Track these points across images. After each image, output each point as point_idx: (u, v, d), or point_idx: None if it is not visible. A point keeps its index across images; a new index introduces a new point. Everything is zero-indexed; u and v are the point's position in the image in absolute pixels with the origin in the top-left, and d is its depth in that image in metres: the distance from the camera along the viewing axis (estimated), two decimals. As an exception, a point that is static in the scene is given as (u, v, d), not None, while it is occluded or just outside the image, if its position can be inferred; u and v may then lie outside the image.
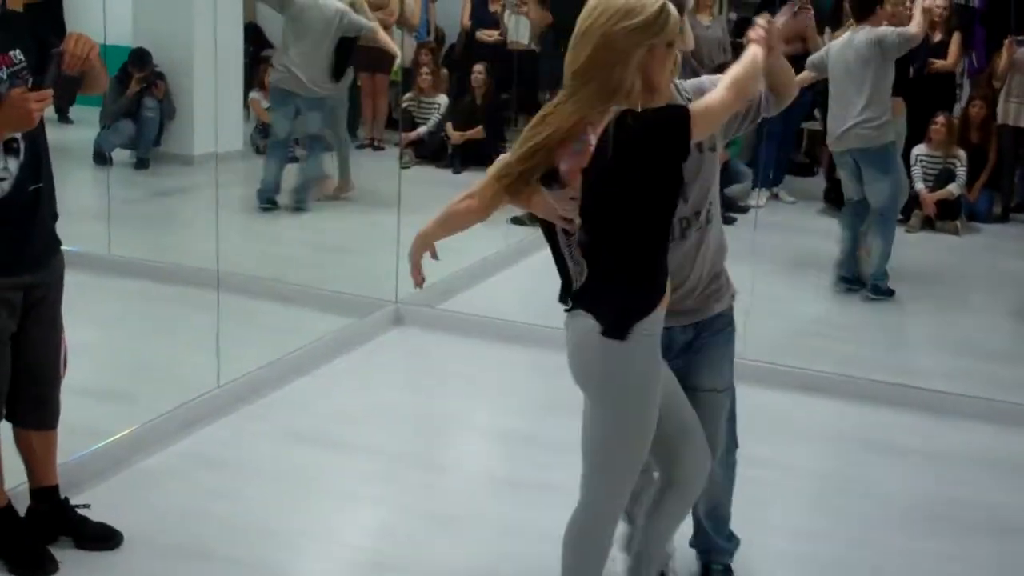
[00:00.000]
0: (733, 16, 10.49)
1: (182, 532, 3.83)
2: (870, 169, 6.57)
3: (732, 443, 3.50)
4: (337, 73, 7.70)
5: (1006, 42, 8.53)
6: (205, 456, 4.41)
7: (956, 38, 8.85)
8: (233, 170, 8.05)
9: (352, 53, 7.81)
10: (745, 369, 5.02)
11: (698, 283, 3.18)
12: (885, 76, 6.50)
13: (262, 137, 8.55)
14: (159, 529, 3.83)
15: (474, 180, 3.21)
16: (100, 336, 5.36)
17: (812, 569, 3.84)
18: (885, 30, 6.47)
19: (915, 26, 6.37)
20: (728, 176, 8.95)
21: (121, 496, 4.02)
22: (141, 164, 8.25)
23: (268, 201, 7.65)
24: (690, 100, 3.07)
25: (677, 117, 2.78)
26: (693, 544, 3.67)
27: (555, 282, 3.05)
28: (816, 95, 9.34)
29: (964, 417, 5.08)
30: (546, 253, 3.08)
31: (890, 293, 6.59)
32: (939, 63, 8.79)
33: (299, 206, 7.80)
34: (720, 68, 9.15)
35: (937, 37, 8.91)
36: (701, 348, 3.28)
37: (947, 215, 8.15)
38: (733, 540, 3.66)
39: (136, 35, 8.05)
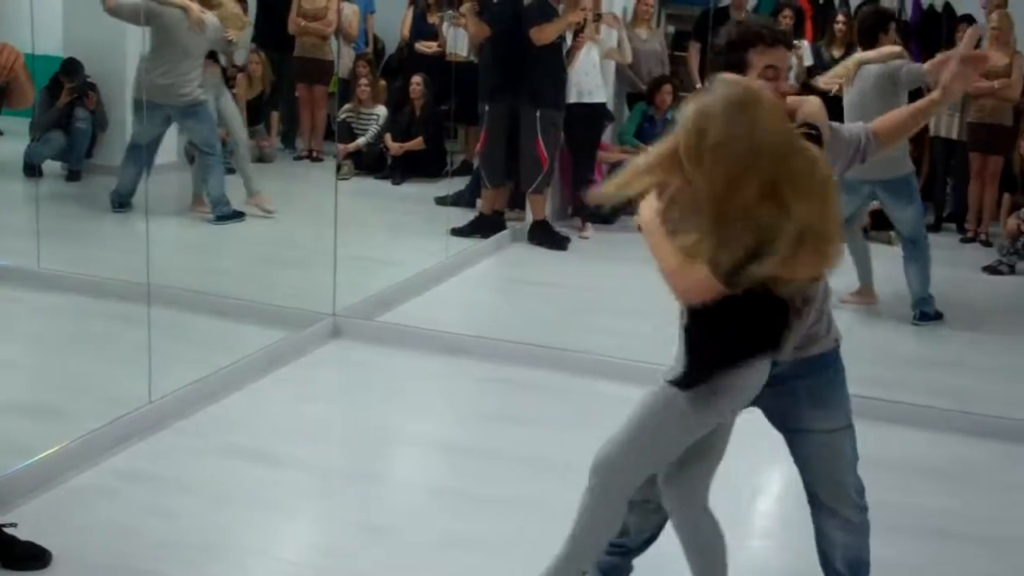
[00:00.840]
0: (671, 30, 10.56)
1: (113, 550, 3.74)
2: (893, 199, 6.57)
3: (861, 484, 3.38)
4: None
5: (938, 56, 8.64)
6: (137, 473, 4.32)
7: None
8: (166, 182, 7.95)
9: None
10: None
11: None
12: (900, 106, 6.44)
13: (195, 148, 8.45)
14: (90, 547, 3.74)
15: (414, 192, 3.16)
16: (29, 352, 5.27)
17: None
18: (897, 65, 6.43)
19: (927, 64, 6.34)
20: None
21: (50, 514, 3.93)
22: (72, 176, 8.12)
23: (120, 205, 7.51)
24: None
25: None
26: None
27: (495, 294, 3.02)
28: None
29: (892, 423, 5.10)
30: (486, 264, 3.05)
31: (938, 316, 6.62)
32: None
33: (222, 217, 7.68)
34: (657, 81, 9.32)
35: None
36: (808, 389, 3.19)
37: (881, 226, 8.21)
38: None
39: (66, 45, 7.92)
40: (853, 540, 3.37)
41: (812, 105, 3.05)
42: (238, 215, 7.67)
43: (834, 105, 7.48)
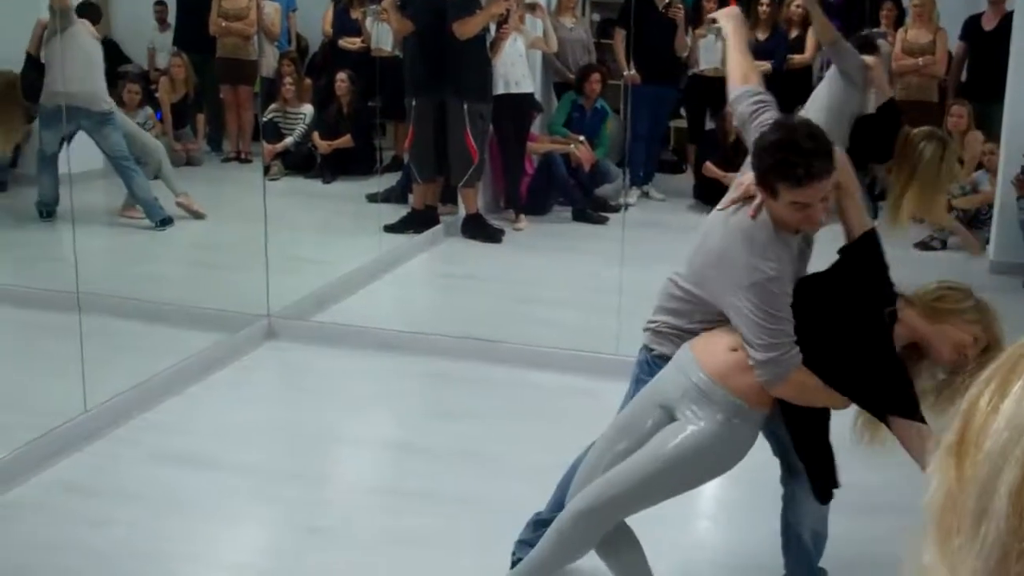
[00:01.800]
0: (596, 18, 10.59)
1: (53, 565, 3.71)
2: None
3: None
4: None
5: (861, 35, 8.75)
6: (74, 484, 4.28)
7: (812, 32, 9.04)
8: (93, 189, 7.86)
9: None
10: (620, 365, 5.05)
11: None
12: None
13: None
14: (32, 561, 3.71)
15: (345, 190, 3.16)
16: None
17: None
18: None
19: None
20: (598, 176, 9.04)
21: (-13, 530, 3.89)
22: (-3, 187, 8.01)
23: (47, 214, 7.43)
24: None
25: None
26: None
27: (430, 289, 3.02)
28: (680, 92, 9.51)
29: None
30: (420, 259, 3.04)
31: None
32: (797, 58, 8.98)
33: (163, 221, 7.61)
34: (585, 69, 9.32)
35: (794, 33, 9.10)
36: None
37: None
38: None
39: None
40: (820, 511, 3.43)
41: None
42: (170, 220, 7.60)
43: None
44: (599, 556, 3.28)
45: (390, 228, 7.89)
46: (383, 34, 8.99)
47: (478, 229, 8.08)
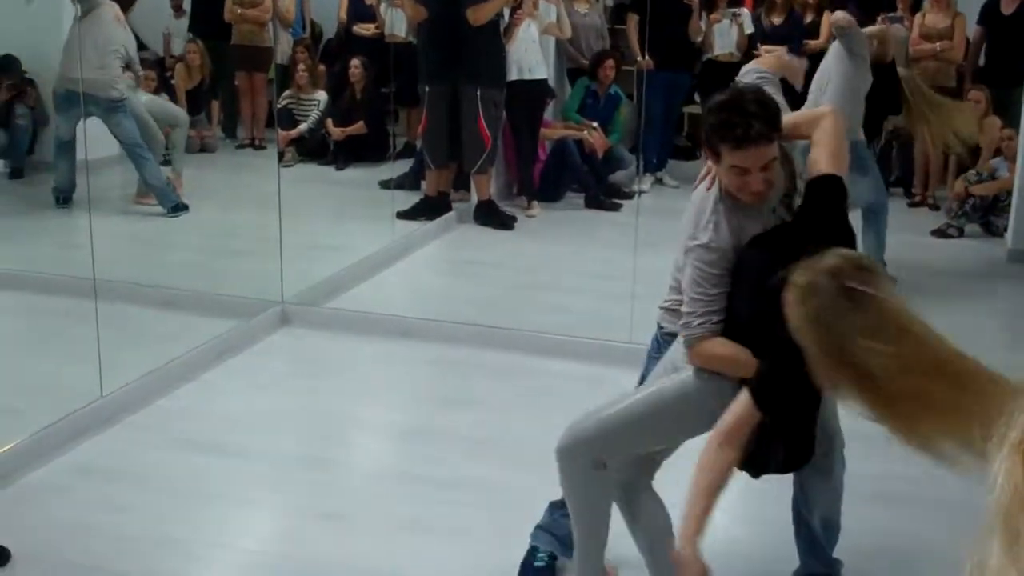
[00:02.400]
0: (610, 3, 10.57)
1: (71, 547, 3.75)
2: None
3: (843, 437, 3.47)
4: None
5: (879, 19, 8.72)
6: (91, 468, 4.33)
7: (827, 17, 9.02)
8: (109, 175, 7.89)
9: None
10: (633, 353, 5.07)
11: None
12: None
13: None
14: (47, 545, 3.75)
15: (358, 176, 3.16)
16: (-24, 351, 5.23)
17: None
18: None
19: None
20: (611, 162, 9.04)
21: (5, 513, 3.93)
22: (15, 173, 8.04)
23: (64, 200, 7.47)
24: None
25: None
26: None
27: (443, 275, 3.05)
28: (695, 78, 9.49)
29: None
30: (433, 246, 3.07)
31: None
32: (812, 43, 8.96)
33: (175, 208, 7.66)
34: (599, 55, 9.30)
35: (809, 18, 9.08)
36: None
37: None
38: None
39: (3, 41, 7.84)
40: (832, 498, 3.45)
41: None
42: (183, 206, 7.64)
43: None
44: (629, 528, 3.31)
45: (403, 215, 7.91)
46: (397, 20, 9.00)
47: (491, 216, 8.09)
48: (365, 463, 4.66)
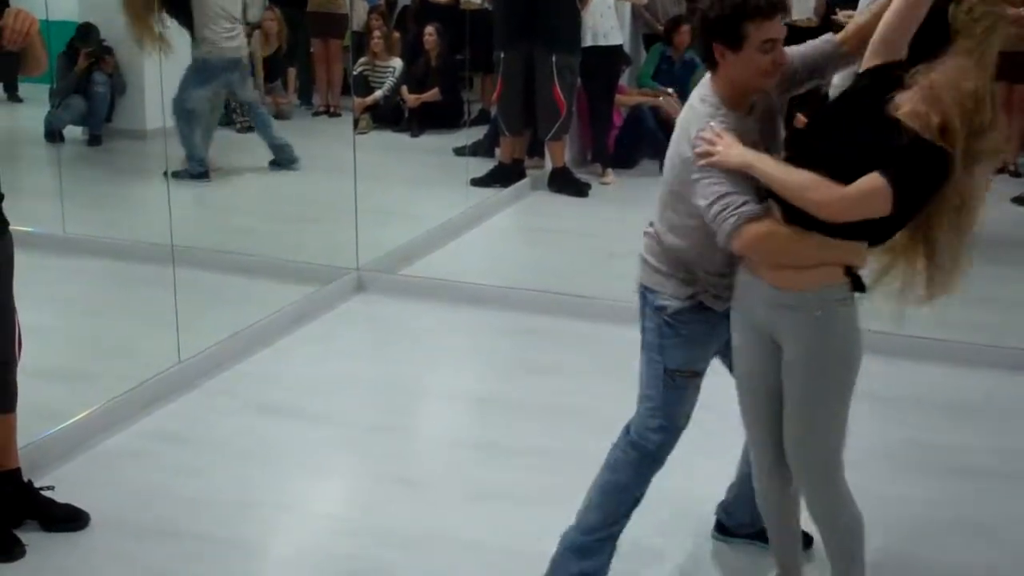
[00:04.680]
0: (686, -33, 10.43)
1: (149, 511, 3.79)
2: None
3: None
4: None
5: None
6: (169, 433, 4.37)
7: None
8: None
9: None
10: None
11: None
12: None
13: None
14: (126, 508, 3.79)
15: (432, 143, 3.16)
16: (56, 317, 5.30)
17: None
18: None
19: None
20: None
21: (85, 477, 3.98)
22: (94, 141, 8.15)
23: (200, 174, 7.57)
24: None
25: None
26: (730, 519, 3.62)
27: (517, 243, 3.03)
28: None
29: (920, 359, 5.10)
30: (507, 213, 3.04)
31: None
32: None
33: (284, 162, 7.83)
34: (674, 21, 9.18)
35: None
36: None
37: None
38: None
39: (82, 10, 7.92)
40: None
41: None
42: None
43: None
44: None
45: (477, 182, 7.90)
46: (472, -13, 8.98)
47: (565, 183, 8.05)
48: (439, 430, 4.67)
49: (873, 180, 2.62)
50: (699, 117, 2.94)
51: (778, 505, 3.19)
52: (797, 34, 3.27)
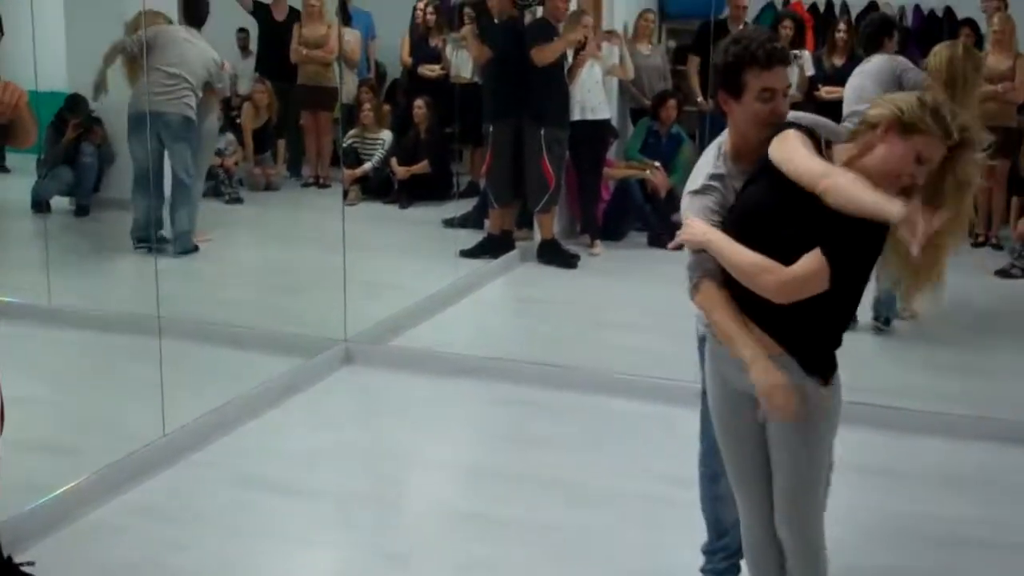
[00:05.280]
0: (672, 44, 10.54)
1: (131, 586, 3.73)
2: None
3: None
4: None
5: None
6: (153, 507, 4.31)
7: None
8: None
9: None
10: (695, 392, 4.99)
11: None
12: None
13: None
14: (108, 584, 3.73)
15: (421, 215, 3.15)
16: (40, 388, 5.23)
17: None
18: (902, 63, 6.36)
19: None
20: (674, 202, 8.96)
21: (67, 552, 3.92)
22: (81, 211, 8.13)
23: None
24: None
25: None
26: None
27: (506, 314, 3.02)
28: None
29: (905, 431, 5.07)
30: (496, 284, 3.04)
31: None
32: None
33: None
34: (661, 96, 9.29)
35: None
36: None
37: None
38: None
39: (71, 80, 7.95)
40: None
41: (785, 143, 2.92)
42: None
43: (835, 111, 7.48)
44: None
45: (466, 253, 7.90)
46: (462, 61, 9.05)
47: (554, 254, 8.06)
48: (428, 502, 4.61)
49: (813, 260, 2.75)
50: (702, 163, 3.12)
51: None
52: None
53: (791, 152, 2.84)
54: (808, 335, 2.91)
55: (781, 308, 2.83)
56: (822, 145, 2.94)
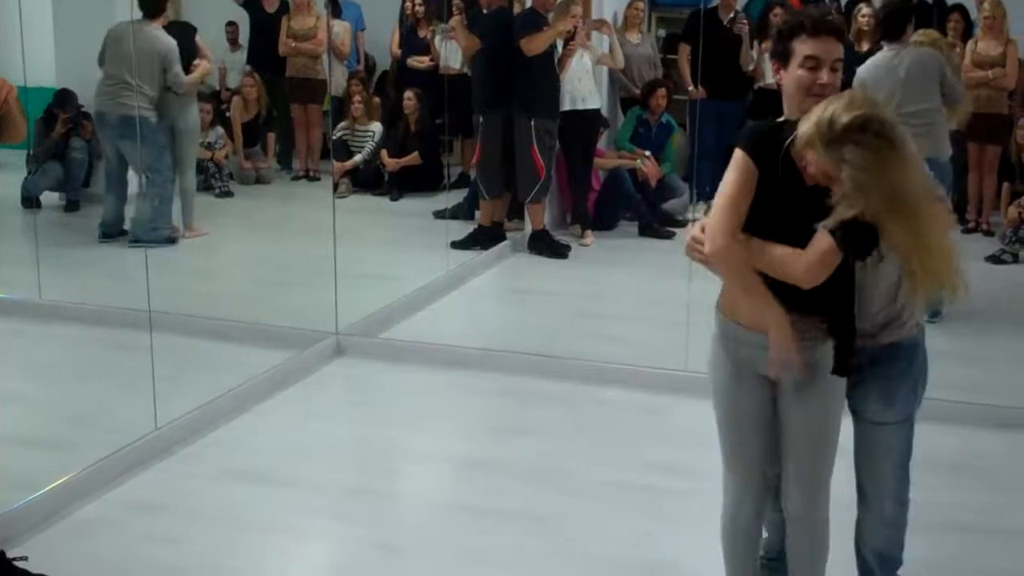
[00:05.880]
0: (662, 33, 10.54)
1: (124, 580, 3.73)
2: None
3: (905, 480, 3.38)
4: None
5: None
6: (145, 501, 4.31)
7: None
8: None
9: None
10: (688, 381, 5.01)
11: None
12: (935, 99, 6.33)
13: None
14: (100, 578, 3.73)
15: (412, 207, 3.14)
16: (32, 384, 5.25)
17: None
18: (943, 62, 6.34)
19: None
20: (664, 191, 8.99)
21: (60, 546, 3.92)
22: (71, 206, 8.11)
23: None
24: None
25: None
26: None
27: (497, 305, 3.03)
28: (747, 107, 9.43)
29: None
30: (487, 275, 3.04)
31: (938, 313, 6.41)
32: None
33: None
34: (651, 85, 9.29)
35: (865, 47, 8.97)
36: (873, 378, 3.20)
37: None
38: None
39: (59, 76, 7.93)
40: (885, 532, 3.38)
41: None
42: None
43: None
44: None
45: (457, 244, 7.90)
46: (452, 52, 9.04)
47: (545, 245, 8.06)
48: (421, 494, 4.62)
49: (819, 237, 2.87)
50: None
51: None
52: (770, 97, 3.31)
53: (718, 194, 3.04)
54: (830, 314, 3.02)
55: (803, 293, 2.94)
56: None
